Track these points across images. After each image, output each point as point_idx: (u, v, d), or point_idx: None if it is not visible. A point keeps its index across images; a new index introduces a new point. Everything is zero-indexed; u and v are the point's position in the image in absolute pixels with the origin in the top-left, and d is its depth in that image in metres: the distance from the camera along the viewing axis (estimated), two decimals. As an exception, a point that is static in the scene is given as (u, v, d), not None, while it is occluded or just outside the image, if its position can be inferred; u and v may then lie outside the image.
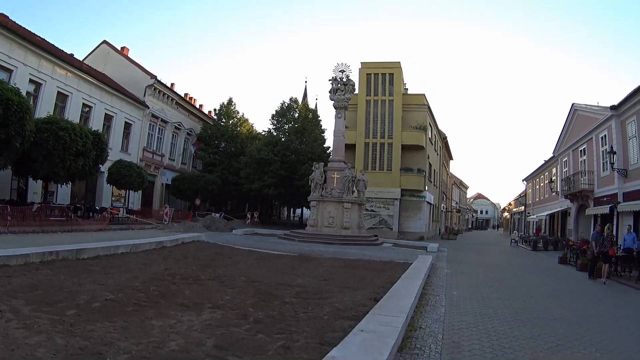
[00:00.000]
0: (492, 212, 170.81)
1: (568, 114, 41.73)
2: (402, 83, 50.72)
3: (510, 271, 22.73)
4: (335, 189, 32.94)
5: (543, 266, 26.94)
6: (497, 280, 17.94)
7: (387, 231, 45.69)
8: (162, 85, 51.64)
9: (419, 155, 48.74)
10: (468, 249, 39.11)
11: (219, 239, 26.77)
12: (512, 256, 34.34)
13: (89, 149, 29.71)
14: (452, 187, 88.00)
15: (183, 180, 51.51)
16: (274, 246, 25.38)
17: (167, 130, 54.08)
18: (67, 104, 37.30)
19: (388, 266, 18.27)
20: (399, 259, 21.34)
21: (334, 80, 35.55)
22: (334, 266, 17.40)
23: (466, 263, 25.00)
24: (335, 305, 10.05)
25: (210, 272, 14.00)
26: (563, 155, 44.83)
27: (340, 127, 35.24)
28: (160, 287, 10.79)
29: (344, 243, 29.40)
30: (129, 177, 37.56)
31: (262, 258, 19.04)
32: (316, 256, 20.93)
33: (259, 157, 50.92)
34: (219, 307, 9.22)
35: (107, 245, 16.77)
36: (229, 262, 16.92)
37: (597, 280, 19.82)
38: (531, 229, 61.64)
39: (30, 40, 33.42)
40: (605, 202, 30.90)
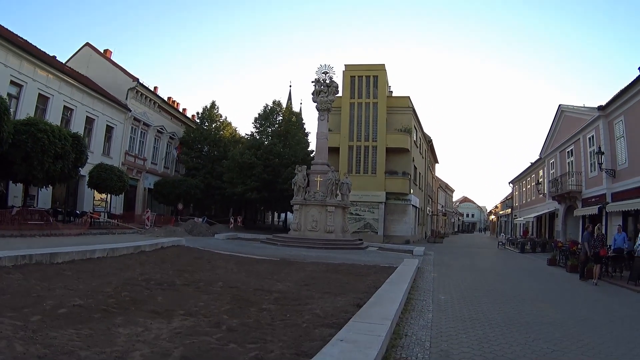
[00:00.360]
0: (478, 215, 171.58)
1: (555, 116, 41.49)
2: (387, 85, 50.29)
3: (499, 274, 22.15)
4: (319, 192, 32.31)
5: (532, 268, 26.35)
6: (486, 284, 17.35)
7: (372, 235, 45.18)
8: (144, 88, 51.16)
9: (404, 158, 48.23)
10: (455, 252, 38.53)
11: (200, 244, 26.15)
12: (500, 259, 33.74)
13: (67, 151, 29.19)
14: (437, 190, 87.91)
15: (165, 185, 50.89)
16: (256, 251, 24.83)
17: (149, 134, 53.50)
18: (48, 106, 36.90)
19: (372, 270, 17.59)
20: (384, 263, 20.67)
21: (317, 82, 35.00)
22: (316, 271, 16.72)
23: (453, 266, 24.39)
24: (315, 311, 9.42)
25: (186, 277, 13.35)
26: (550, 157, 44.56)
27: (323, 129, 34.67)
28: (132, 293, 10.25)
29: (327, 247, 28.72)
30: (110, 181, 37.14)
31: (242, 263, 18.38)
32: (298, 261, 20.24)
33: (242, 161, 50.47)
34: (191, 314, 8.64)
35: (83, 249, 16.15)
36: (207, 267, 16.30)
37: (588, 281, 19.46)
38: (518, 231, 61.76)
39: (12, 41, 32.96)
40: (594, 203, 30.68)
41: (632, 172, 26.02)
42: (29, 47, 35.98)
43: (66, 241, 22.52)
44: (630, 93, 26.01)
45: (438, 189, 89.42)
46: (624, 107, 27.19)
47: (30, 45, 37.21)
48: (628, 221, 26.13)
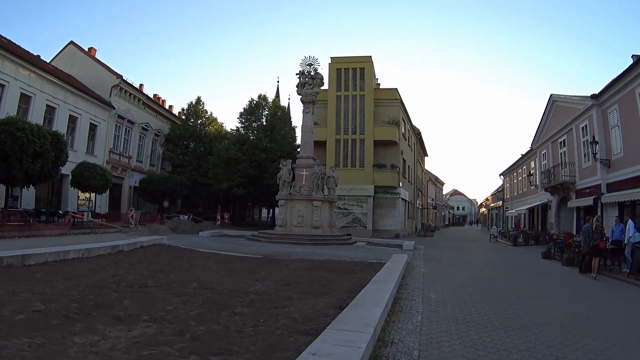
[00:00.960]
0: (469, 208, 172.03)
1: (546, 106, 40.77)
2: (374, 77, 49.70)
3: (492, 269, 21.11)
4: (305, 187, 31.39)
5: (527, 262, 25.50)
6: (479, 280, 16.31)
7: (361, 230, 44.28)
8: (128, 85, 50.51)
9: (392, 151, 47.45)
10: (446, 246, 37.74)
11: (183, 242, 25.30)
12: (493, 252, 32.81)
13: (47, 150, 28.50)
14: (427, 183, 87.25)
15: (150, 182, 50.19)
16: (240, 248, 23.93)
17: (134, 132, 52.85)
18: (31, 105, 36.42)
19: (359, 267, 16.67)
20: (372, 259, 19.82)
21: (302, 74, 34.06)
22: (300, 269, 15.83)
23: (444, 261, 23.52)
24: (293, 315, 8.54)
25: (161, 278, 12.58)
26: (542, 148, 43.93)
27: (308, 122, 33.79)
28: (99, 296, 9.54)
29: (314, 243, 27.81)
30: (92, 179, 36.35)
31: (223, 261, 17.49)
32: (282, 258, 19.36)
33: (227, 157, 49.89)
34: (156, 320, 7.90)
35: (57, 250, 15.33)
36: (185, 266, 15.42)
37: (587, 275, 18.73)
38: (510, 223, 61.23)
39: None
40: (589, 194, 29.99)
41: (628, 161, 25.39)
42: (10, 46, 35.40)
43: (45, 242, 21.69)
44: (624, 81, 25.39)
45: (428, 182, 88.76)
46: (619, 95, 26.56)
47: (12, 44, 36.67)
48: (624, 212, 25.35)
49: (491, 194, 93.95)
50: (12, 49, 34.82)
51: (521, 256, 29.48)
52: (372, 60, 48.19)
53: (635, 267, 17.87)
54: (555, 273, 20.20)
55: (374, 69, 48.94)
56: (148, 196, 50.84)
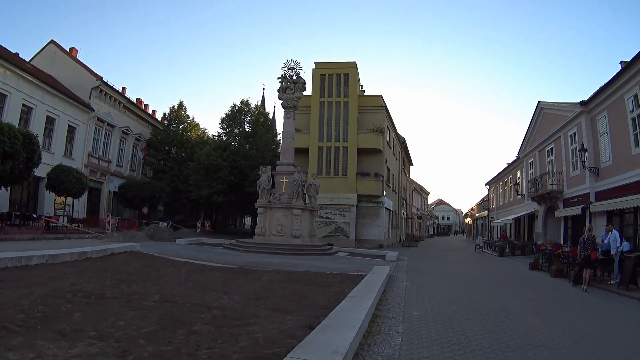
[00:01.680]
0: (454, 218, 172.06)
1: (533, 114, 40.44)
2: (359, 84, 49.01)
3: (479, 282, 20.18)
4: (285, 195, 30.48)
5: (514, 274, 24.65)
6: (465, 294, 15.35)
7: (344, 239, 43.48)
8: (109, 88, 49.26)
9: (377, 159, 46.68)
10: (430, 256, 36.83)
11: (157, 250, 24.34)
12: (479, 263, 32.07)
13: (18, 150, 27.20)
14: (412, 193, 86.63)
15: (129, 188, 49.29)
16: (215, 257, 22.81)
17: (114, 135, 51.71)
18: (5, 105, 35.11)
19: (338, 279, 15.68)
20: (352, 271, 18.88)
21: (283, 78, 33.21)
22: (274, 281, 14.81)
23: (429, 274, 22.48)
24: (256, 336, 7.57)
25: (123, 288, 11.70)
26: (529, 157, 43.49)
27: (289, 127, 32.89)
28: (49, 307, 8.77)
29: (293, 253, 26.72)
30: (68, 183, 35.14)
31: (194, 271, 16.49)
32: (258, 269, 18.34)
33: (207, 163, 48.89)
34: (102, 337, 7.07)
35: (18, 255, 14.55)
36: (152, 276, 14.46)
37: (577, 287, 18.02)
38: (496, 233, 60.45)
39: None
40: (577, 203, 29.52)
41: (617, 169, 24.96)
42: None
43: (13, 246, 20.80)
44: (613, 87, 24.97)
45: (413, 192, 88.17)
46: (608, 102, 26.15)
47: None
48: (613, 221, 24.71)
49: (476, 203, 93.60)
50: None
51: (508, 267, 28.65)
52: (356, 67, 47.53)
53: (624, 277, 17.32)
54: (545, 285, 19.30)
55: (358, 75, 48.25)
56: (127, 202, 49.88)
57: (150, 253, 22.11)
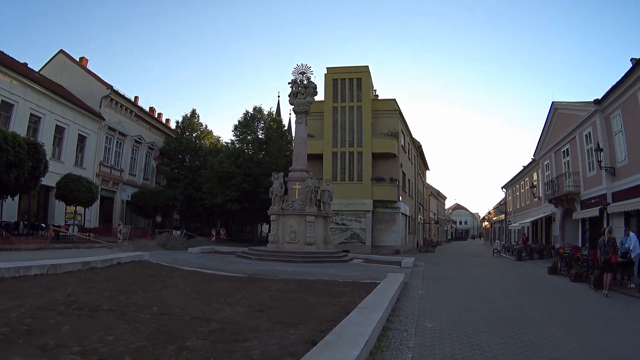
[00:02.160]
0: (471, 222, 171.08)
1: (548, 114, 39.60)
2: (372, 88, 48.35)
3: (497, 288, 19.39)
4: (297, 201, 29.87)
5: (533, 279, 23.81)
6: (483, 302, 14.60)
7: (360, 246, 43.00)
8: (119, 96, 49.37)
9: (392, 164, 46.20)
10: (447, 262, 36.07)
11: (167, 259, 23.95)
12: (497, 268, 31.21)
13: (22, 159, 26.97)
14: (429, 198, 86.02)
15: (142, 196, 49.11)
16: (226, 266, 22.33)
17: (126, 144, 51.82)
18: (13, 114, 35.21)
19: (350, 288, 15.11)
20: (366, 278, 18.36)
21: (294, 83, 32.67)
22: (282, 290, 14.26)
23: (445, 280, 21.70)
24: (252, 353, 7.01)
25: (121, 299, 11.20)
26: (544, 158, 42.68)
27: (301, 133, 32.42)
28: (38, 320, 8.34)
29: (307, 261, 26.16)
30: (77, 192, 35.09)
31: (201, 281, 16.00)
32: (268, 277, 17.87)
33: (221, 170, 48.56)
34: (85, 354, 6.60)
35: (16, 265, 14.20)
36: (156, 286, 13.93)
37: (598, 291, 17.29)
38: (513, 237, 59.93)
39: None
40: (594, 204, 28.86)
41: (633, 168, 24.35)
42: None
43: (15, 256, 20.59)
44: (625, 84, 24.45)
45: (429, 197, 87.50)
46: (621, 100, 25.60)
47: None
48: (630, 222, 24.19)
49: (493, 207, 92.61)
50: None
51: (526, 272, 27.81)
52: (369, 70, 47.01)
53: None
54: (565, 291, 18.56)
55: (371, 79, 47.66)
56: (140, 211, 49.71)
57: (158, 262, 21.74)
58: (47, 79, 43.17)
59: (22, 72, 37.06)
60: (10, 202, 33.25)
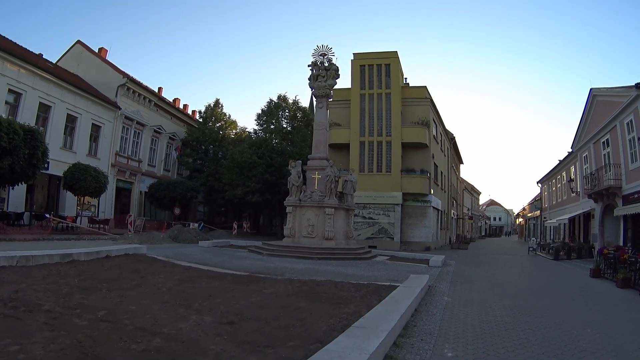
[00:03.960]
0: (505, 218, 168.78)
1: (586, 103, 37.16)
2: (401, 75, 46.08)
3: (535, 295, 16.33)
4: (317, 192, 27.77)
5: (574, 283, 20.99)
6: (520, 316, 11.71)
7: (388, 241, 40.66)
8: (136, 85, 48.37)
9: (422, 155, 43.57)
10: (480, 261, 33.48)
11: (169, 252, 22.49)
12: (533, 269, 28.63)
13: (17, 146, 25.64)
14: (463, 192, 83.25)
15: (159, 187, 47.54)
16: (229, 262, 20.40)
17: (144, 134, 50.60)
18: (21, 103, 34.60)
19: (361, 293, 12.72)
20: (385, 280, 16.15)
21: (314, 65, 30.67)
22: (278, 294, 12.05)
23: (476, 282, 18.97)
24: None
25: (74, 299, 9.79)
26: (583, 150, 40.12)
27: (321, 118, 30.35)
28: None
29: (323, 257, 23.89)
30: (84, 181, 33.60)
31: (188, 279, 14.07)
32: (270, 276, 15.84)
33: (242, 161, 46.92)
34: None
35: None
36: (129, 284, 12.35)
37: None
38: (549, 234, 57.57)
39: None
40: (638, 199, 26.56)
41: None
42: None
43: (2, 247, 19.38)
44: None
45: (463, 191, 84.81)
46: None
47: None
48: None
49: (528, 203, 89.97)
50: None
51: (566, 274, 25.16)
52: (397, 56, 44.57)
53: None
54: (614, 300, 15.65)
55: (400, 66, 45.31)
56: (157, 202, 48.22)
57: (154, 256, 20.13)
58: (60, 68, 42.63)
59: (30, 60, 36.17)
60: (17, 192, 32.98)
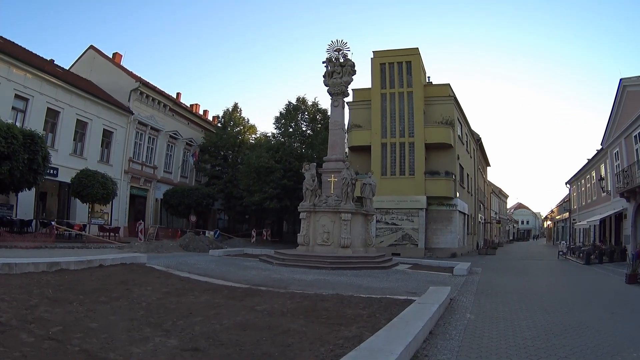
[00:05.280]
0: (532, 221, 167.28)
1: (616, 94, 35.09)
2: (423, 72, 44.26)
3: (569, 308, 13.93)
4: (332, 196, 26.02)
5: (610, 291, 18.81)
6: (554, 336, 9.55)
7: (412, 248, 39.00)
8: (150, 89, 47.55)
9: (447, 156, 41.86)
10: (508, 267, 31.45)
11: (171, 262, 21.37)
12: (564, 276, 26.53)
13: (16, 150, 25.01)
14: (490, 196, 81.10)
15: (174, 194, 46.58)
16: (235, 272, 18.96)
17: (160, 140, 49.63)
18: (28, 109, 34.08)
19: (370, 310, 10.91)
20: (402, 292, 14.44)
21: (329, 61, 29.08)
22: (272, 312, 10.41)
23: (503, 294, 16.63)
24: None
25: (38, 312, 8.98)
26: (613, 146, 37.93)
27: (337, 117, 28.70)
28: None
29: (338, 267, 22.03)
30: (91, 188, 32.94)
31: (178, 292, 12.79)
32: (273, 289, 14.29)
33: (259, 165, 45.42)
34: None
35: None
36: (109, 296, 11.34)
37: None
38: (579, 237, 55.50)
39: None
40: None
41: None
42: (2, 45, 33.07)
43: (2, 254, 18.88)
44: None
45: (491, 195, 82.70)
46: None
47: (6, 42, 34.74)
48: None
49: (556, 205, 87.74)
50: (2, 47, 32.29)
51: (600, 281, 23.14)
52: (419, 53, 42.83)
53: None
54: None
55: (422, 63, 43.57)
56: (173, 209, 47.22)
57: (152, 266, 18.84)
58: (70, 73, 42.54)
59: (37, 65, 35.55)
60: (26, 199, 32.82)
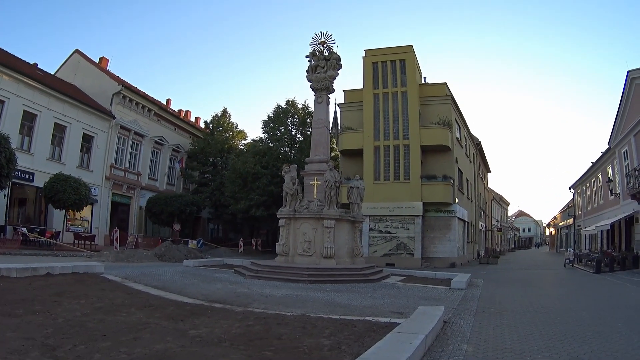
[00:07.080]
0: (534, 229, 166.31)
1: (623, 89, 33.04)
2: (417, 71, 41.91)
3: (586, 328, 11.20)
4: (315, 201, 23.43)
5: (631, 306, 15.71)
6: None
7: (408, 258, 36.62)
8: (133, 93, 45.73)
9: (445, 159, 39.45)
10: (512, 278, 28.69)
11: (133, 272, 19.81)
12: (575, 287, 23.86)
13: None
14: (491, 203, 78.95)
15: (157, 202, 44.82)
16: (198, 286, 16.92)
17: (144, 146, 48.04)
18: (3, 111, 33.49)
19: (333, 340, 8.40)
20: (386, 314, 11.98)
21: (312, 55, 26.72)
22: (208, 338, 8.03)
23: (509, 314, 13.61)
24: None
25: None
26: (622, 145, 35.65)
27: (320, 115, 26.18)
28: None
29: (317, 280, 19.37)
30: (63, 193, 31.69)
31: (112, 308, 11.00)
32: (229, 307, 12.13)
33: (244, 171, 43.04)
34: None
35: None
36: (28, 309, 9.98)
37: None
38: (585, 243, 53.08)
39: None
40: None
41: None
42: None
43: None
44: None
45: (492, 202, 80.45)
46: None
47: None
48: None
49: (560, 211, 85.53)
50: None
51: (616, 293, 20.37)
52: (413, 50, 40.46)
53: None
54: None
55: (416, 61, 41.30)
56: (155, 218, 45.48)
57: (106, 276, 17.43)
58: (51, 76, 41.81)
59: (15, 67, 34.92)
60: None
